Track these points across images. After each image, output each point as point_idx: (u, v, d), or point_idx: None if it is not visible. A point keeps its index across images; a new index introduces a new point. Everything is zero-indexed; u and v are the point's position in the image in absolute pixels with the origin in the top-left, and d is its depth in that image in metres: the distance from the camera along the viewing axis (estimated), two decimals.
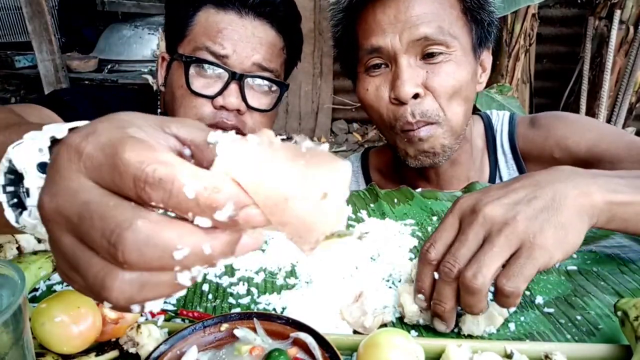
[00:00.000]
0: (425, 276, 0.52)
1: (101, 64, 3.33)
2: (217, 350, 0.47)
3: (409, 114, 0.83)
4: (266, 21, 0.92)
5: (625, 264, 0.66)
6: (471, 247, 0.49)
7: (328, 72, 4.15)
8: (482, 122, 1.03)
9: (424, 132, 0.84)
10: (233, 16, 0.90)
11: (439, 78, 0.82)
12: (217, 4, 0.90)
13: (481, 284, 0.47)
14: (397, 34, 0.82)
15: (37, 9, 2.72)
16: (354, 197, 0.85)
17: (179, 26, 0.93)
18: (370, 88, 0.87)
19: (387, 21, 0.82)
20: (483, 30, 0.87)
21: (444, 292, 0.50)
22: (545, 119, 0.98)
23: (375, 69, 0.86)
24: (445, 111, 0.84)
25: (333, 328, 0.53)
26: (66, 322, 0.44)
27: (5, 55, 3.42)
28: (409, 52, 0.82)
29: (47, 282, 0.61)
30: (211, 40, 0.89)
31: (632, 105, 2.98)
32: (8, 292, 0.37)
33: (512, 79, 2.92)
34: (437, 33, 0.81)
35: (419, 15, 0.81)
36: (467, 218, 0.51)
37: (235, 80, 0.90)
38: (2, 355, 0.35)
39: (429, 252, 0.51)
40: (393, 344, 0.44)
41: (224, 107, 0.90)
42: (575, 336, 0.53)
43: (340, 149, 4.17)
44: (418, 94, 0.82)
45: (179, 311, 0.55)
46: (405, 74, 0.82)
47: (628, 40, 2.84)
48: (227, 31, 0.89)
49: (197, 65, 0.90)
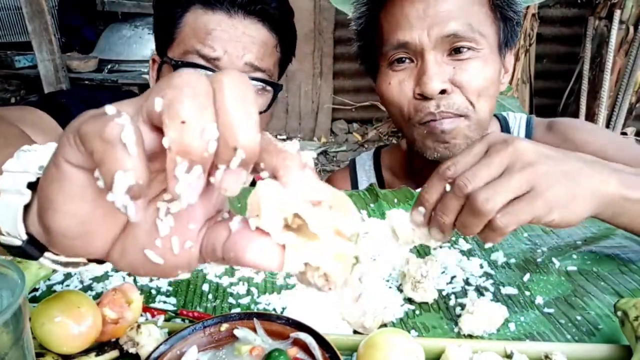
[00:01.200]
0: (435, 190, 0.51)
1: (101, 64, 3.33)
2: (217, 350, 0.47)
3: (433, 106, 0.82)
4: (257, 19, 0.90)
5: (625, 264, 0.66)
6: (492, 172, 0.49)
7: (328, 72, 4.15)
8: (498, 123, 1.03)
9: (447, 125, 0.83)
10: (222, 16, 0.87)
11: (467, 74, 0.81)
12: (205, 4, 0.88)
13: (490, 209, 0.47)
14: (425, 29, 0.80)
15: (37, 9, 2.72)
16: (354, 197, 0.85)
17: (168, 28, 0.91)
18: (393, 82, 0.85)
19: (415, 15, 0.80)
20: (510, 28, 0.86)
21: (451, 204, 0.49)
22: (563, 125, 0.97)
23: (399, 63, 0.85)
24: (474, 105, 0.83)
25: (333, 328, 0.53)
26: (66, 322, 0.44)
27: (5, 55, 3.42)
28: (436, 49, 0.81)
29: (47, 282, 0.61)
30: (201, 43, 0.87)
31: (632, 105, 2.98)
32: (8, 292, 0.37)
33: (512, 79, 2.92)
34: (466, 30, 0.80)
35: (448, 10, 0.79)
36: (497, 145, 0.50)
37: None
38: (2, 355, 0.35)
39: (449, 169, 0.50)
40: (393, 344, 0.44)
41: None
42: (575, 336, 0.53)
43: (340, 149, 4.17)
44: (445, 90, 0.81)
45: (179, 311, 0.55)
46: (433, 69, 0.80)
47: (628, 40, 2.84)
48: (217, 32, 0.87)
49: (187, 68, 0.88)
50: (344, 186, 1.11)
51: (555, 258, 0.67)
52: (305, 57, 4.07)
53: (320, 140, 4.29)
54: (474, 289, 0.61)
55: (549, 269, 0.65)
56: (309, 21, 3.94)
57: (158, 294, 0.60)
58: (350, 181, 1.12)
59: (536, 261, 0.67)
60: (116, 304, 0.49)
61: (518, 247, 0.71)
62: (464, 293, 0.60)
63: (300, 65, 4.10)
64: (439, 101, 0.81)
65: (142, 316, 0.53)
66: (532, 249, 0.70)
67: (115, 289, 0.50)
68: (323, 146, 4.20)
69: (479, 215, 0.47)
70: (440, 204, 0.50)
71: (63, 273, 0.63)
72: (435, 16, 0.80)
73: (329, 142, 4.30)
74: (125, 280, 0.61)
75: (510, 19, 0.85)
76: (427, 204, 0.51)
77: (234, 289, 0.61)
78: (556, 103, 3.40)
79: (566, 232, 0.75)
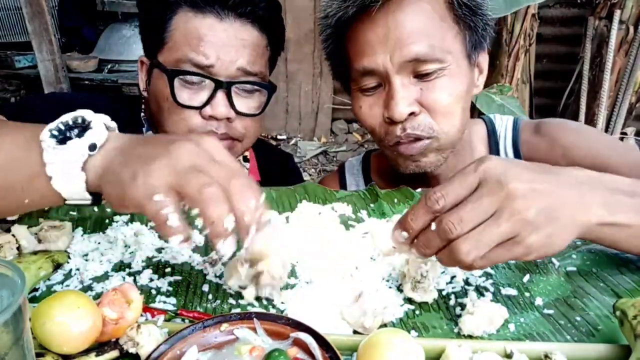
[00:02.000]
0: (420, 219, 0.51)
1: (101, 64, 3.33)
2: (217, 350, 0.47)
3: (398, 130, 0.83)
4: (248, 21, 0.88)
5: (625, 265, 0.66)
6: (479, 216, 0.49)
7: (328, 72, 4.11)
8: (484, 127, 1.02)
9: (414, 149, 0.84)
10: (213, 20, 0.86)
11: (433, 95, 0.81)
12: (195, 6, 0.86)
13: (471, 260, 0.48)
14: (387, 54, 0.79)
15: (37, 9, 2.72)
16: (354, 197, 0.85)
17: (157, 30, 0.89)
18: (363, 106, 0.87)
19: (377, 41, 0.80)
20: (477, 35, 0.85)
21: (433, 243, 0.50)
22: (551, 126, 0.96)
23: (369, 89, 0.86)
24: (440, 125, 0.83)
25: (333, 328, 0.53)
26: (66, 322, 0.44)
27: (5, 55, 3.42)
28: (401, 72, 0.80)
29: (47, 282, 0.61)
30: (194, 51, 0.85)
31: (632, 105, 2.98)
32: (8, 292, 0.37)
33: (512, 79, 2.92)
34: (429, 52, 0.79)
35: (408, 34, 0.79)
36: (490, 185, 0.50)
37: (222, 89, 0.87)
38: (2, 355, 0.35)
39: (438, 202, 0.50)
40: (393, 344, 0.44)
41: (213, 116, 0.88)
42: (574, 337, 0.53)
43: (340, 149, 4.17)
44: (413, 112, 0.81)
45: (179, 311, 0.55)
46: (399, 94, 0.80)
47: (628, 40, 2.84)
48: (209, 37, 0.85)
49: (181, 77, 0.87)
50: (331, 186, 1.11)
51: (555, 258, 0.67)
52: (305, 57, 4.07)
53: (320, 140, 4.29)
54: (474, 289, 0.61)
55: (549, 269, 0.65)
56: (309, 21, 3.94)
57: (158, 294, 0.60)
58: (339, 185, 1.11)
59: (536, 262, 0.67)
60: (116, 304, 0.49)
61: None
62: (464, 293, 0.60)
63: (300, 65, 4.10)
64: (405, 124, 0.82)
65: (142, 316, 0.53)
66: None
67: (115, 289, 0.50)
68: (323, 146, 4.20)
69: (459, 263, 0.49)
70: (423, 236, 0.51)
71: (63, 273, 0.63)
72: (396, 40, 0.79)
73: (329, 142, 4.29)
74: (125, 281, 0.61)
75: (475, 26, 0.84)
76: (411, 231, 0.52)
77: (234, 289, 0.61)
78: (556, 103, 3.40)
79: None
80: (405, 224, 0.52)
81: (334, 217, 0.77)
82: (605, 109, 2.90)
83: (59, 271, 0.63)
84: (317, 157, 4.09)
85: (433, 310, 0.58)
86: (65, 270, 0.63)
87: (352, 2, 0.79)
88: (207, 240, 0.58)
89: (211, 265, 0.64)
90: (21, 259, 0.60)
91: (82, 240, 0.69)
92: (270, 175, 1.16)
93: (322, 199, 0.84)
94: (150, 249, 0.68)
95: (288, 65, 4.06)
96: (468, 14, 0.82)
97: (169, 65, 0.88)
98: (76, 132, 0.52)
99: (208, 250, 0.68)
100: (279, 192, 0.86)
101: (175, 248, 0.57)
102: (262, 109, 0.94)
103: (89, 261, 0.65)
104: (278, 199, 0.84)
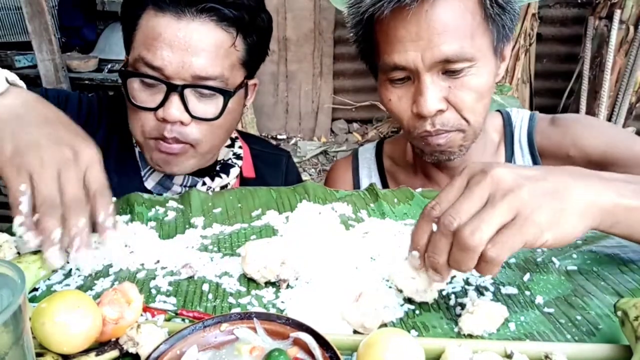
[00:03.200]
0: (423, 231, 0.52)
1: (101, 63, 3.32)
2: (217, 350, 0.47)
3: (428, 125, 0.85)
4: (209, 18, 0.83)
5: (625, 264, 0.66)
6: (474, 204, 0.49)
7: (328, 72, 4.15)
8: (501, 117, 1.05)
9: (442, 140, 0.87)
10: (170, 19, 0.82)
11: (461, 93, 0.83)
12: (156, 4, 0.83)
13: (477, 242, 0.47)
14: (419, 52, 0.81)
15: (37, 9, 2.71)
16: (354, 197, 0.85)
17: (127, 30, 0.88)
18: (393, 98, 0.89)
19: (408, 38, 0.81)
20: (505, 31, 0.87)
21: (440, 244, 0.50)
22: (566, 119, 0.99)
23: (398, 80, 0.87)
24: (467, 120, 0.86)
25: (333, 328, 0.53)
26: (66, 322, 0.44)
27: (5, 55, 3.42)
28: (431, 70, 0.82)
29: (47, 282, 0.61)
30: (147, 50, 0.83)
31: (632, 105, 2.98)
32: (8, 292, 0.37)
33: (512, 79, 2.92)
34: (459, 53, 0.80)
35: (441, 33, 0.79)
36: (476, 177, 0.51)
37: (175, 92, 0.83)
38: (2, 355, 0.35)
39: (434, 209, 0.52)
40: (393, 344, 0.44)
41: (165, 119, 0.85)
42: (575, 336, 0.53)
43: (340, 148, 4.17)
44: (441, 109, 0.84)
45: (179, 311, 0.55)
46: (428, 91, 0.82)
47: (628, 40, 2.84)
48: (162, 38, 0.82)
49: (134, 78, 0.85)
50: (345, 174, 1.15)
51: (555, 258, 0.67)
52: (305, 57, 4.07)
53: (320, 140, 4.29)
54: (474, 289, 0.61)
55: (549, 268, 0.65)
56: (309, 21, 3.94)
57: (158, 293, 0.60)
58: (352, 169, 1.15)
59: (536, 261, 0.67)
60: (116, 303, 0.49)
61: None
62: (464, 293, 0.60)
63: (300, 65, 4.10)
64: (434, 119, 0.85)
65: (142, 316, 0.53)
66: (532, 249, 0.70)
67: (115, 288, 0.50)
68: (323, 146, 4.20)
69: (468, 249, 0.48)
70: (430, 244, 0.52)
71: (63, 273, 0.63)
72: (428, 40, 0.79)
73: (329, 142, 4.29)
74: (125, 280, 0.61)
75: (504, 24, 0.85)
76: (419, 247, 0.53)
77: (234, 288, 0.61)
78: (556, 103, 3.40)
79: None
80: (414, 243, 0.53)
81: (334, 217, 0.77)
82: (605, 109, 2.90)
83: (59, 271, 0.63)
84: (317, 157, 4.09)
85: (433, 310, 0.58)
86: (65, 270, 0.63)
87: (387, 1, 0.79)
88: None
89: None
90: (21, 259, 0.60)
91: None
92: (265, 172, 1.15)
93: (322, 199, 0.84)
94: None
95: (288, 65, 4.05)
96: (498, 12, 0.83)
97: (130, 66, 0.87)
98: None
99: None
100: (279, 192, 0.86)
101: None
102: (219, 114, 0.88)
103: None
104: (278, 199, 0.84)
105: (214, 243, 0.71)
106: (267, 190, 0.87)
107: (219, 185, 1.03)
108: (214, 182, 1.03)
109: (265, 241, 0.63)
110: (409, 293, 0.57)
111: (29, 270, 0.58)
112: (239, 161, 1.09)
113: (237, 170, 1.08)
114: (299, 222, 0.76)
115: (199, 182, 1.01)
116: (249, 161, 1.13)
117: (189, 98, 0.85)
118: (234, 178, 1.07)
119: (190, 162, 0.93)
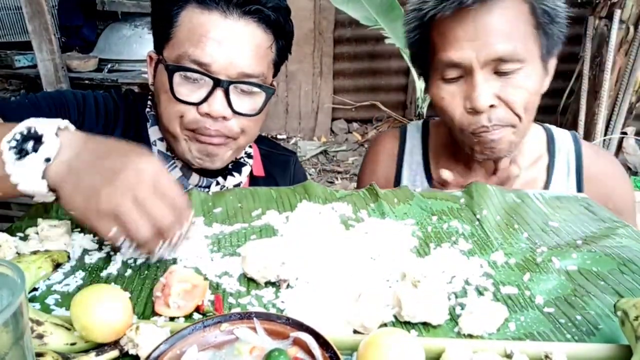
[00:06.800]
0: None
1: (101, 63, 3.32)
2: (217, 350, 0.47)
3: (485, 119, 0.90)
4: (252, 19, 0.88)
5: (625, 264, 0.66)
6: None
7: (328, 72, 4.15)
8: (544, 132, 1.10)
9: (496, 135, 0.91)
10: (217, 17, 0.85)
11: (512, 91, 0.88)
12: (201, 2, 0.85)
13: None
14: (474, 51, 0.86)
15: (37, 9, 2.71)
16: (354, 197, 0.85)
17: (164, 26, 0.89)
18: (446, 96, 0.93)
19: (465, 38, 0.87)
20: (552, 40, 0.92)
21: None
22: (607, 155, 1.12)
23: (451, 79, 0.91)
24: (519, 116, 0.91)
25: (333, 328, 0.53)
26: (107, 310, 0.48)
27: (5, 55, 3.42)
28: (484, 68, 0.88)
29: (47, 282, 0.61)
30: (194, 46, 0.85)
31: (632, 105, 2.98)
32: (8, 292, 0.37)
33: None
34: (512, 53, 0.86)
35: (496, 34, 0.86)
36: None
37: (220, 87, 0.87)
38: (2, 355, 0.35)
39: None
40: (393, 344, 0.44)
41: (209, 114, 0.88)
42: (575, 336, 0.53)
43: (340, 148, 4.17)
44: (493, 105, 0.89)
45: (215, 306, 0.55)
46: (482, 87, 0.88)
47: (628, 39, 2.84)
48: (210, 35, 0.85)
49: (180, 72, 0.87)
50: (392, 147, 1.17)
51: (555, 258, 0.67)
52: (305, 57, 4.07)
53: (320, 140, 4.29)
54: (474, 289, 0.61)
55: (549, 268, 0.65)
56: (309, 21, 3.94)
57: None
58: (399, 142, 1.17)
59: (536, 261, 0.67)
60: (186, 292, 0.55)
61: (518, 247, 0.71)
62: (464, 293, 0.60)
63: (300, 65, 4.10)
64: (490, 114, 0.90)
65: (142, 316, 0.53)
66: (532, 249, 0.70)
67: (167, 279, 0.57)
68: (323, 146, 4.20)
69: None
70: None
71: (63, 272, 0.63)
72: (484, 40, 0.86)
73: (329, 141, 4.30)
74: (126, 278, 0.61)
75: (552, 33, 0.91)
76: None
77: (234, 288, 0.61)
78: (556, 103, 3.40)
79: (566, 231, 0.75)
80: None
81: (334, 217, 0.77)
82: (605, 108, 2.89)
83: (58, 271, 0.63)
84: (317, 157, 4.09)
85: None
86: (65, 270, 0.63)
87: (449, 3, 0.85)
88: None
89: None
90: (21, 259, 0.60)
91: (82, 239, 0.69)
92: (274, 172, 1.17)
93: (322, 198, 0.84)
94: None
95: (288, 65, 4.02)
96: (548, 21, 0.89)
97: (171, 60, 0.88)
98: (32, 145, 0.60)
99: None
100: (279, 192, 0.86)
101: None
102: (259, 110, 0.93)
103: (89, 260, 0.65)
104: (278, 199, 0.84)
105: (214, 243, 0.71)
106: (267, 190, 0.87)
107: (232, 184, 1.04)
108: (227, 181, 1.04)
109: (265, 241, 0.63)
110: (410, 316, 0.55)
111: (29, 270, 0.58)
112: (250, 160, 1.10)
113: (249, 169, 1.09)
114: (299, 222, 0.76)
115: (213, 182, 1.02)
116: (259, 160, 1.14)
117: (232, 94, 0.89)
118: (246, 177, 1.08)
119: (229, 155, 0.96)
